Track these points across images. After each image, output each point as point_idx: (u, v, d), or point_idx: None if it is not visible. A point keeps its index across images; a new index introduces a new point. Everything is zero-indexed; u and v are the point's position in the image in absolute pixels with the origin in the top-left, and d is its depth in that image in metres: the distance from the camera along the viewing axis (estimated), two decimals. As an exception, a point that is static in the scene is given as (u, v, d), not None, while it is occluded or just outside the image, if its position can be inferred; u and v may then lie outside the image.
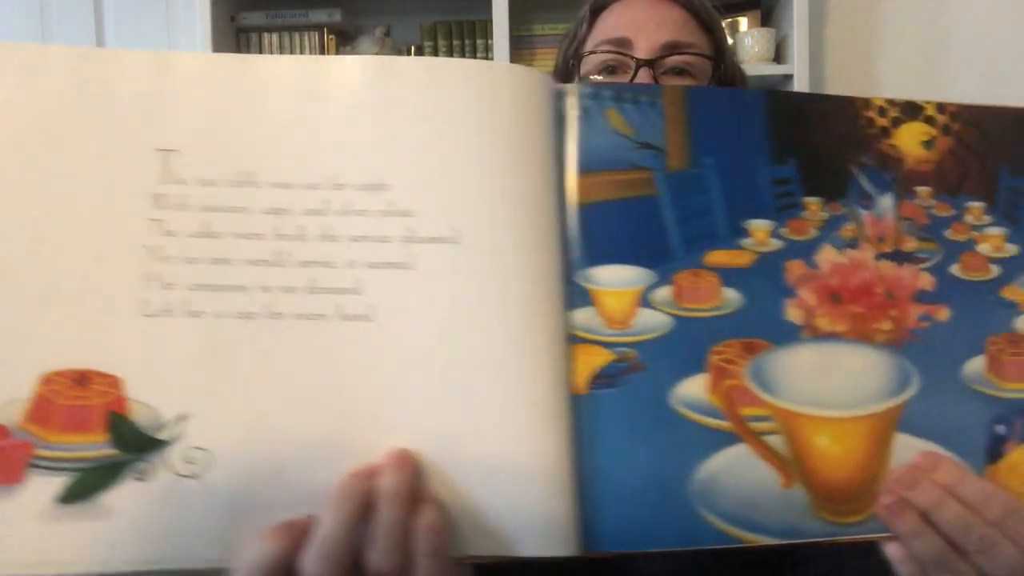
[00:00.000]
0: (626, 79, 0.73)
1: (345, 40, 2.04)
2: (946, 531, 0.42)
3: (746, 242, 0.45)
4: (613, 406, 0.41)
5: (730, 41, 2.00)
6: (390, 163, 0.40)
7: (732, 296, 0.44)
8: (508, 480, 0.39)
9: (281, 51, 1.97)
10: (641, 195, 0.44)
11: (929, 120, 0.48)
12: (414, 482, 0.38)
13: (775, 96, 0.47)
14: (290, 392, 0.39)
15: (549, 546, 0.39)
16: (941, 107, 0.49)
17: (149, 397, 0.38)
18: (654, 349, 0.42)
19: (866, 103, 0.48)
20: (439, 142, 0.40)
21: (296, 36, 1.96)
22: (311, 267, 0.40)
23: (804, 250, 0.45)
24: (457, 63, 0.41)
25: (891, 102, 0.48)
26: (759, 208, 0.45)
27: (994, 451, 0.45)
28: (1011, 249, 0.48)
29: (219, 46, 1.86)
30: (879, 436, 0.44)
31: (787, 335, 0.44)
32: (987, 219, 0.48)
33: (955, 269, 0.47)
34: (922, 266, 0.46)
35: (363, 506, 0.37)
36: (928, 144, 0.48)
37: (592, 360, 0.42)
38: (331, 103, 0.41)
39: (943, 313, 0.46)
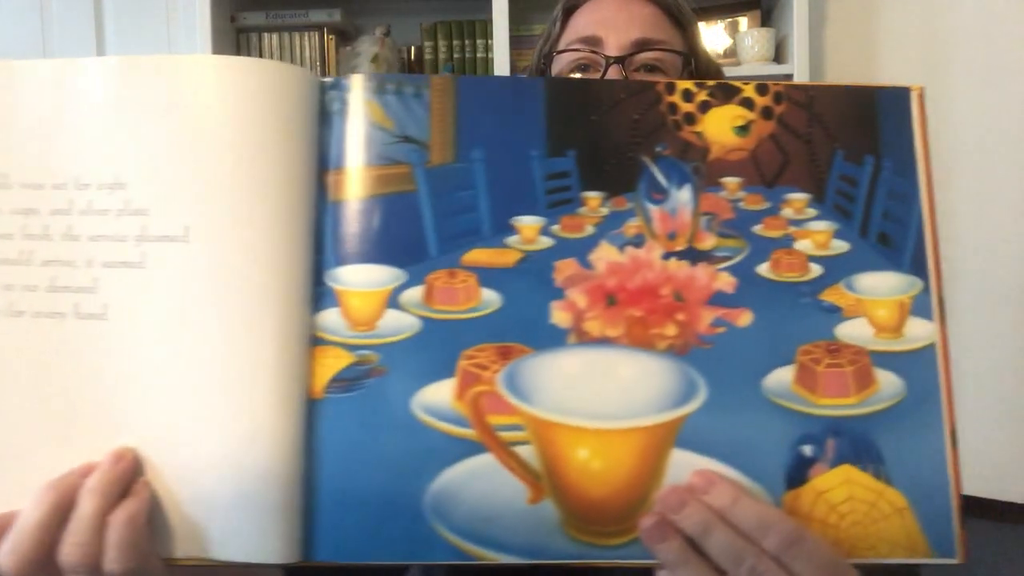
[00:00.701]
0: (597, 77, 0.72)
1: (345, 40, 2.05)
2: (715, 560, 0.37)
3: (512, 240, 0.42)
4: (348, 411, 0.40)
5: (730, 41, 1.96)
6: (128, 162, 0.40)
7: (491, 297, 0.41)
8: (226, 483, 0.38)
9: (281, 51, 2.00)
10: (399, 191, 0.42)
11: (746, 102, 0.44)
12: (125, 479, 0.38)
13: (556, 84, 0.44)
14: (26, 389, 0.40)
15: (261, 553, 0.38)
16: (762, 88, 0.44)
17: None
18: (398, 352, 0.40)
19: (670, 87, 0.44)
20: (174, 140, 0.40)
21: (296, 36, 2.00)
22: (52, 266, 0.40)
23: (578, 248, 0.42)
24: (199, 59, 0.41)
25: (700, 85, 0.44)
26: (529, 204, 0.42)
27: (797, 475, 0.40)
28: (839, 246, 0.43)
29: (219, 46, 1.91)
30: (650, 451, 0.40)
31: (550, 339, 0.41)
32: (811, 212, 0.43)
33: (764, 269, 0.42)
34: (721, 266, 0.42)
35: (64, 501, 0.37)
36: (742, 130, 0.43)
37: (332, 363, 0.40)
38: (78, 104, 0.41)
39: (744, 318, 0.41)
